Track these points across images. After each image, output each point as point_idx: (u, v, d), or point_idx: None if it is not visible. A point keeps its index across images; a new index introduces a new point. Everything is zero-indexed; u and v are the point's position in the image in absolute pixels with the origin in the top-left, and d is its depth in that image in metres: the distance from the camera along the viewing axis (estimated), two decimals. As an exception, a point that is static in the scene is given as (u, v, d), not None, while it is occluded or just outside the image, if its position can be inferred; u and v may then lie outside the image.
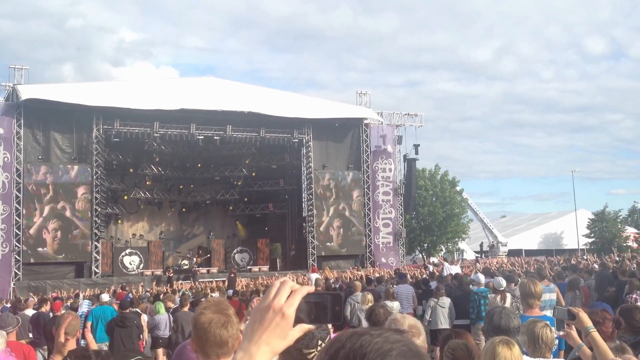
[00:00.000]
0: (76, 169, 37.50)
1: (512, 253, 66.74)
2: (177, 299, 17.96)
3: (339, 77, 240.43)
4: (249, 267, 43.27)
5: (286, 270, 40.67)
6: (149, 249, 43.15)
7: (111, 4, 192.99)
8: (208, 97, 39.36)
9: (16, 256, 35.67)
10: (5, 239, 35.56)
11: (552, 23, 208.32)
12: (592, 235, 73.44)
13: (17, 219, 35.99)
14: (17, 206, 36.04)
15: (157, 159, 42.47)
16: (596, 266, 22.67)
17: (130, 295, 22.46)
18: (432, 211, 57.38)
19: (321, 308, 1.73)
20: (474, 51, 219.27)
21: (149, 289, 31.52)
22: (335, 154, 43.71)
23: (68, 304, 21.74)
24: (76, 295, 25.59)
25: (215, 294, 21.01)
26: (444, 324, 14.19)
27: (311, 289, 1.73)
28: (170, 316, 15.27)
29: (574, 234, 69.70)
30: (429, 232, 58.49)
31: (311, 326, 1.74)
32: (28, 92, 36.12)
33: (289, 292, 1.69)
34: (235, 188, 45.75)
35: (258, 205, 47.16)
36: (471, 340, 5.09)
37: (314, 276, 26.75)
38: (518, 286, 9.77)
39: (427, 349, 4.91)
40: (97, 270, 37.48)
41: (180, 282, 35.91)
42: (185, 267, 41.36)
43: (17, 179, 36.23)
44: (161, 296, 19.06)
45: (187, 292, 22.39)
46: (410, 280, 20.41)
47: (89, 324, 14.71)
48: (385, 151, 44.86)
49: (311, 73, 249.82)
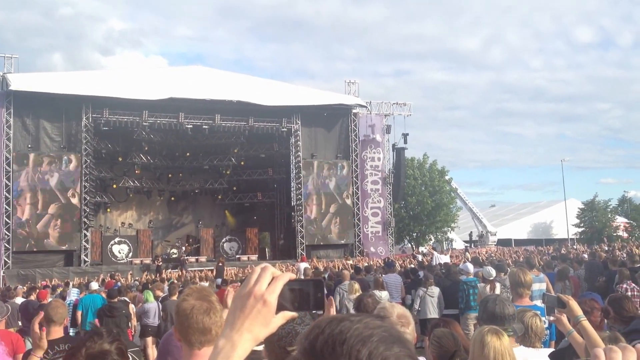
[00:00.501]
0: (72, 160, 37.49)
1: (502, 243, 67.02)
2: (166, 287, 17.94)
3: (327, 67, 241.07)
4: (237, 256, 43.23)
5: (275, 260, 40.65)
6: (138, 238, 43.05)
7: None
8: (197, 86, 39.28)
9: (5, 244, 35.61)
10: (-5, 228, 35.56)
11: (541, 12, 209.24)
12: (582, 224, 73.69)
13: (7, 207, 35.89)
14: (7, 195, 35.94)
15: (146, 148, 42.34)
16: (586, 256, 22.77)
17: (119, 283, 22.40)
18: (421, 200, 57.52)
19: (303, 295, 1.70)
20: (462, 40, 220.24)
21: (137, 278, 31.49)
22: (324, 143, 43.70)
23: (58, 292, 21.73)
24: (66, 284, 25.51)
25: (204, 283, 20.97)
26: (432, 313, 14.21)
27: (293, 276, 1.70)
28: (160, 304, 15.24)
29: (563, 223, 69.93)
30: (417, 221, 58.66)
31: (294, 313, 1.71)
32: (18, 82, 36.08)
33: (270, 279, 1.65)
34: (224, 177, 45.67)
35: (247, 194, 47.09)
36: (459, 330, 5.08)
37: (303, 265, 26.77)
38: (508, 275, 9.79)
39: (416, 339, 4.88)
40: (87, 259, 37.48)
41: (169, 270, 35.89)
42: (174, 255, 41.30)
43: (7, 167, 36.15)
44: (150, 285, 19.02)
45: (175, 281, 22.36)
46: (399, 269, 20.42)
47: (79, 313, 14.69)
48: (374, 140, 44.90)
49: (299, 62, 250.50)
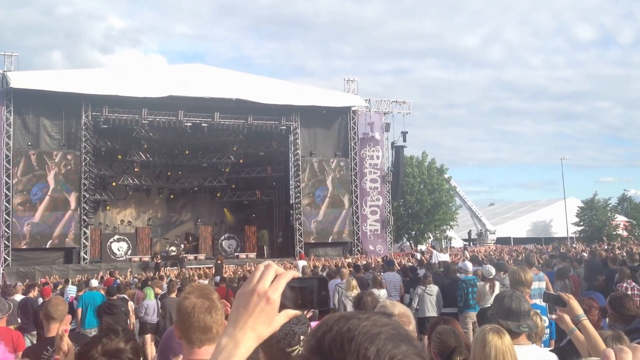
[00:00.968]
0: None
1: (501, 241, 67.00)
2: (165, 285, 17.95)
3: (326, 65, 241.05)
4: (236, 254, 43.24)
5: (273, 258, 40.72)
6: (137, 236, 43.07)
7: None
8: (196, 84, 39.28)
9: (5, 242, 35.65)
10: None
11: (540, 9, 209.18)
12: (582, 223, 73.59)
13: (7, 204, 35.91)
14: (7, 192, 35.96)
15: (146, 146, 42.38)
16: (585, 255, 22.77)
17: (117, 281, 22.42)
18: (419, 199, 57.48)
19: (307, 293, 1.69)
20: (461, 38, 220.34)
21: (136, 275, 31.53)
22: (323, 141, 43.73)
23: (58, 289, 21.74)
24: (66, 281, 25.52)
25: (203, 281, 20.98)
26: (431, 311, 14.18)
27: (296, 274, 1.69)
28: (159, 302, 15.25)
29: (563, 222, 69.79)
30: (416, 219, 58.63)
31: (297, 312, 1.70)
32: (18, 79, 36.15)
33: (273, 277, 1.64)
34: (223, 175, 45.72)
35: (245, 192, 47.10)
36: (459, 328, 5.09)
37: (301, 263, 26.80)
38: (508, 274, 9.78)
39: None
40: (86, 256, 37.55)
41: (167, 268, 35.91)
42: (173, 253, 41.36)
43: (7, 165, 36.18)
44: (149, 282, 19.03)
45: (174, 279, 22.37)
46: (398, 268, 20.41)
47: (79, 310, 14.71)
48: (372, 138, 44.90)
49: (298, 60, 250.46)
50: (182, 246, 42.51)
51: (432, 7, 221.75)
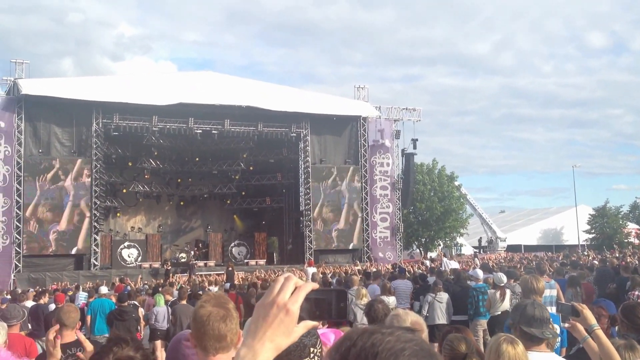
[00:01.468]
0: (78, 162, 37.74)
1: (511, 248, 66.79)
2: (175, 291, 17.97)
3: (336, 71, 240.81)
4: (246, 261, 43.25)
5: (283, 264, 40.73)
6: (147, 242, 43.20)
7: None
8: (206, 91, 39.36)
9: (16, 248, 35.78)
10: (6, 231, 35.75)
11: (552, 16, 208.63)
12: (593, 231, 73.24)
13: (18, 211, 36.07)
14: (18, 199, 36.12)
15: (156, 153, 42.46)
16: (596, 262, 22.67)
17: (128, 287, 22.46)
18: (429, 206, 57.36)
19: (325, 304, 1.71)
20: (472, 45, 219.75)
21: (146, 282, 31.60)
22: (333, 148, 43.71)
23: (68, 295, 21.78)
24: (77, 287, 25.60)
25: (213, 288, 21.00)
26: (441, 319, 14.13)
27: (316, 286, 1.71)
28: (169, 308, 15.27)
29: (574, 229, 69.55)
30: (426, 227, 58.50)
31: (315, 323, 1.72)
32: (29, 87, 36.29)
33: (293, 288, 1.67)
34: (233, 182, 45.77)
35: (255, 199, 47.14)
36: (471, 336, 5.08)
37: (310, 270, 26.72)
38: (520, 282, 9.76)
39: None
40: (96, 263, 37.61)
41: (177, 275, 35.95)
42: (183, 260, 41.44)
43: (18, 172, 36.34)
44: (160, 289, 19.06)
45: (184, 285, 22.39)
46: (408, 275, 20.36)
47: (88, 318, 14.74)
48: (383, 145, 44.83)
49: (308, 67, 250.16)
50: (192, 253, 42.55)
51: (442, 14, 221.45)
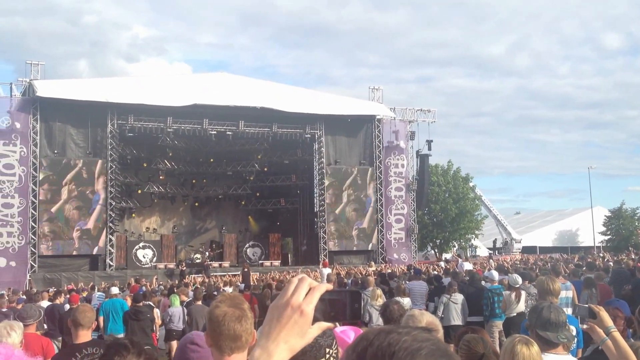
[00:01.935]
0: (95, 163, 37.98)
1: (527, 250, 66.48)
2: (191, 292, 18.03)
3: (350, 73, 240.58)
4: (260, 262, 43.28)
5: (297, 265, 40.71)
6: (162, 243, 43.30)
7: (125, 1, 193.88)
8: (221, 92, 39.46)
9: (32, 248, 35.97)
10: (22, 232, 35.93)
11: (567, 18, 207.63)
12: (609, 232, 72.84)
13: (33, 212, 36.27)
14: (33, 199, 36.33)
15: (171, 154, 42.62)
16: (611, 264, 22.54)
17: (143, 288, 22.54)
18: (444, 207, 57.18)
19: (340, 305, 1.70)
20: (487, 46, 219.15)
21: (161, 282, 31.69)
22: (348, 150, 43.69)
23: (83, 296, 21.89)
24: (92, 288, 25.73)
25: (228, 288, 21.05)
26: (456, 320, 14.12)
27: (330, 287, 1.70)
28: (184, 309, 15.32)
29: (589, 231, 69.21)
30: (441, 228, 58.32)
31: (330, 324, 1.72)
32: (44, 88, 36.48)
33: (307, 289, 1.67)
34: (248, 183, 45.85)
35: (270, 200, 47.20)
36: (487, 337, 5.06)
37: (325, 271, 26.67)
38: (536, 283, 9.72)
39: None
40: (112, 263, 37.76)
41: (192, 275, 36.05)
42: (198, 260, 41.54)
43: (34, 172, 36.53)
44: (175, 289, 19.12)
45: (200, 286, 22.45)
46: (422, 276, 20.32)
47: (101, 318, 14.81)
48: (397, 147, 44.78)
49: (322, 69, 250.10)
50: (207, 254, 42.65)
51: (457, 16, 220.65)
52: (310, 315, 1.64)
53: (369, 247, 43.30)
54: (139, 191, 43.56)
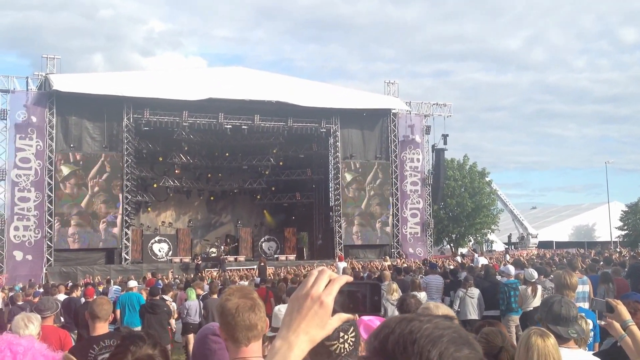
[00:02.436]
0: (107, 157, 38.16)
1: (543, 245, 66.13)
2: (206, 286, 18.09)
3: (366, 67, 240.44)
4: (276, 256, 43.40)
5: (313, 260, 40.74)
6: (177, 237, 43.46)
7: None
8: (236, 86, 39.49)
9: (48, 242, 36.18)
10: (38, 225, 36.12)
11: (584, 12, 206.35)
12: (626, 227, 72.41)
13: (50, 205, 36.46)
14: (49, 193, 36.52)
15: (186, 148, 42.72)
16: (628, 259, 22.42)
17: (160, 282, 22.62)
18: (460, 202, 56.99)
19: (359, 297, 1.70)
20: (503, 41, 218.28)
21: (177, 276, 31.79)
22: (363, 144, 43.65)
23: (100, 289, 22.00)
24: (107, 281, 25.84)
25: (244, 282, 21.11)
26: (472, 314, 14.11)
27: (350, 278, 1.70)
28: (200, 302, 15.38)
29: (606, 226, 68.78)
30: (457, 223, 58.13)
31: (350, 315, 1.71)
32: (60, 82, 36.63)
33: (327, 281, 1.67)
34: (263, 177, 45.88)
35: (285, 195, 47.25)
36: (505, 330, 5.06)
37: (341, 265, 26.73)
38: (553, 277, 9.69)
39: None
40: (127, 257, 37.91)
41: (208, 269, 36.17)
42: (213, 255, 41.60)
43: (50, 166, 36.72)
44: (191, 283, 19.19)
45: (215, 280, 22.54)
46: (438, 270, 20.30)
47: (118, 311, 14.89)
48: (413, 141, 44.70)
49: (338, 63, 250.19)
50: (222, 248, 42.74)
51: (473, 10, 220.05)
52: (330, 307, 1.64)
53: (385, 241, 43.28)
54: (155, 185, 43.65)
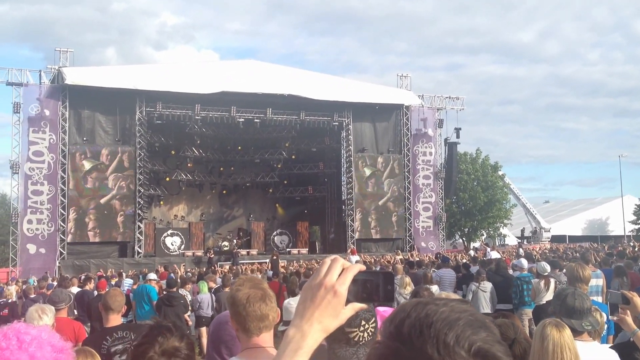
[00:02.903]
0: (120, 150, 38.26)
1: (556, 239, 66.02)
2: (218, 279, 18.13)
3: (378, 61, 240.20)
4: (288, 250, 43.37)
5: (325, 253, 40.71)
6: (190, 230, 43.54)
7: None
8: (248, 80, 39.45)
9: (61, 235, 36.33)
10: (51, 219, 36.25)
11: (597, 5, 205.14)
12: (639, 221, 72.15)
13: (62, 199, 36.60)
14: (62, 186, 36.65)
15: (199, 142, 42.76)
16: None
17: (172, 275, 22.69)
18: (473, 196, 56.93)
19: (373, 287, 1.69)
20: (516, 34, 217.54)
21: (190, 269, 31.85)
22: (376, 137, 43.55)
23: (113, 282, 22.11)
24: (119, 274, 25.96)
25: (257, 275, 21.11)
26: (485, 308, 14.07)
27: (363, 267, 1.69)
28: (213, 296, 15.41)
29: (619, 220, 68.56)
30: (469, 216, 58.09)
31: (363, 305, 1.70)
32: (73, 75, 36.73)
33: (340, 270, 1.66)
34: (275, 171, 45.92)
35: (298, 188, 47.24)
36: (518, 322, 5.04)
37: (354, 259, 26.67)
38: (566, 270, 9.65)
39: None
40: (140, 251, 38.00)
41: (220, 263, 36.22)
42: (226, 248, 41.62)
43: (62, 159, 36.83)
44: (204, 277, 19.24)
45: (228, 273, 22.57)
46: (451, 264, 20.27)
47: (133, 303, 14.96)
48: (426, 135, 44.55)
49: (351, 56, 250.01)
50: (235, 241, 42.76)
51: (485, 3, 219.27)
52: (343, 296, 1.63)
53: (397, 235, 43.25)
54: (167, 179, 43.75)
